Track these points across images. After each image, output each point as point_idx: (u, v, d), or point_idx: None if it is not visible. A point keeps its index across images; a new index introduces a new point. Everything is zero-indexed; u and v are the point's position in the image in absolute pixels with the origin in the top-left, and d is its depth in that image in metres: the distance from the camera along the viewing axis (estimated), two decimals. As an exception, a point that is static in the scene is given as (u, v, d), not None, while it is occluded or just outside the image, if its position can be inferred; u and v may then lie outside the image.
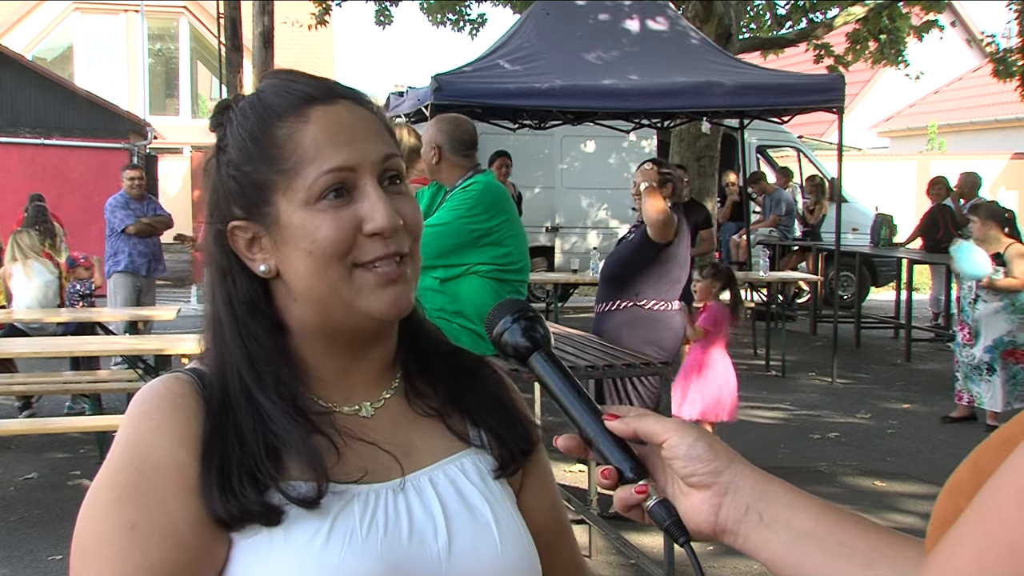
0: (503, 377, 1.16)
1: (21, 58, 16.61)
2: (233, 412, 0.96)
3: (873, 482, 5.93)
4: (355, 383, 1.04)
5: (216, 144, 1.02)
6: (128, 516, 0.90)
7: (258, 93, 1.01)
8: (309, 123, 0.97)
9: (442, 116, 4.24)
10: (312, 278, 0.97)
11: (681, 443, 0.85)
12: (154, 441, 0.93)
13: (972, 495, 0.61)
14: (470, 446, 1.07)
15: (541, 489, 1.14)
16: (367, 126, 1.00)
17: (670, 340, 5.20)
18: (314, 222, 0.95)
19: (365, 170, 0.97)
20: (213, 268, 1.02)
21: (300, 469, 0.93)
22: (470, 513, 1.01)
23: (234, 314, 1.00)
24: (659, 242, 5.11)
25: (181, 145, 22.58)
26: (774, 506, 0.82)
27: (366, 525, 0.94)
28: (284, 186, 0.97)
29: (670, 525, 0.85)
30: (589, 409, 0.91)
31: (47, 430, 6.29)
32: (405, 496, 0.99)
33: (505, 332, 0.96)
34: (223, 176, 1.00)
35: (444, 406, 1.08)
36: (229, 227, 1.00)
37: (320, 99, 0.98)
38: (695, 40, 8.92)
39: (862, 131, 25.02)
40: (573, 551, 1.18)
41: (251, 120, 0.99)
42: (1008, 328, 6.98)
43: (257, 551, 0.91)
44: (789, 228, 12.72)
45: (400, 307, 0.99)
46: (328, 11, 14.27)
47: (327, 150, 0.96)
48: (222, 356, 1.00)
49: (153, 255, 8.89)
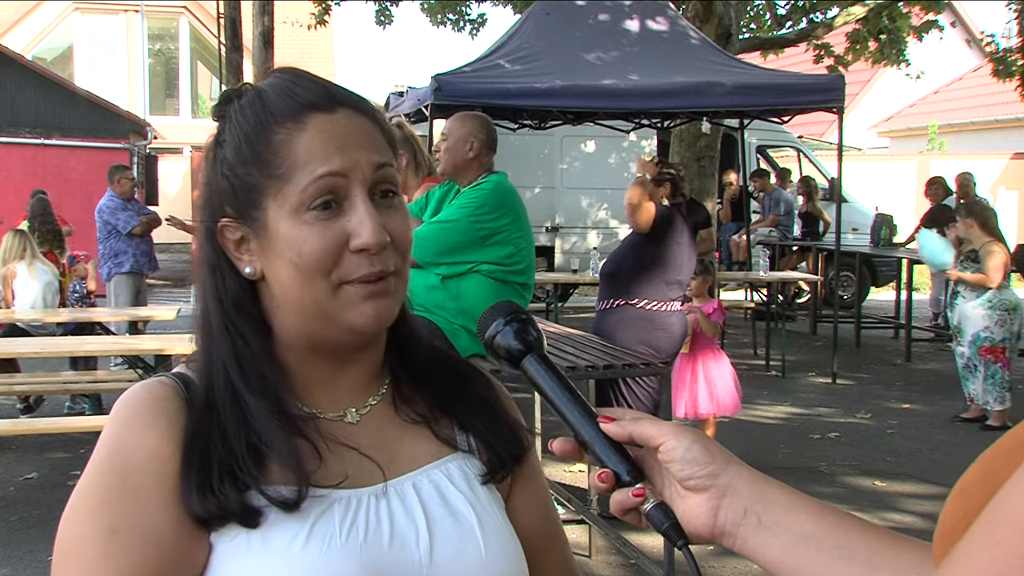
0: (494, 382, 1.15)
1: (21, 58, 16.61)
2: (217, 410, 0.96)
3: (873, 482, 5.93)
4: (341, 389, 1.04)
5: (215, 137, 1.02)
6: (109, 520, 0.90)
7: (260, 92, 1.00)
8: (306, 130, 0.96)
9: (474, 114, 4.27)
10: (296, 289, 0.96)
11: (678, 446, 0.84)
12: (135, 445, 0.93)
13: (982, 499, 0.60)
14: (457, 451, 1.06)
15: (531, 495, 1.13)
16: (365, 135, 0.99)
17: (665, 341, 5.20)
18: (301, 234, 0.95)
19: (356, 178, 0.96)
20: (204, 265, 1.02)
21: (281, 471, 0.93)
22: (454, 518, 1.00)
23: (222, 310, 1.00)
24: (642, 234, 5.14)
25: (181, 145, 22.59)
26: (773, 508, 0.82)
27: (346, 529, 0.93)
28: (275, 191, 0.96)
29: (668, 528, 0.85)
30: (584, 412, 0.91)
31: (47, 430, 6.29)
32: (387, 501, 0.98)
33: (497, 335, 0.95)
34: (217, 174, 1.00)
35: (431, 412, 1.07)
36: (219, 225, 0.99)
37: (320, 106, 0.97)
38: (695, 40, 8.91)
39: (862, 131, 25.01)
40: (565, 557, 1.17)
41: (250, 121, 0.98)
42: (985, 324, 7.09)
43: (235, 554, 0.91)
44: (789, 228, 12.72)
45: (381, 321, 0.99)
46: (328, 11, 14.25)
47: (319, 157, 0.95)
48: (209, 352, 1.00)
49: (151, 254, 8.98)
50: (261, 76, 1.04)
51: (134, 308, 8.39)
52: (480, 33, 15.82)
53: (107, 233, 8.66)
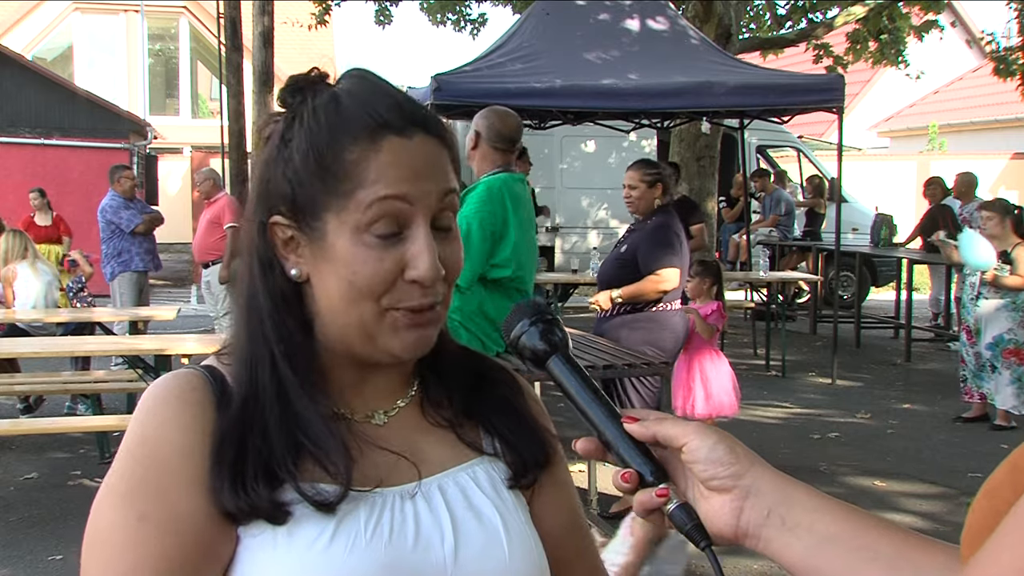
0: (522, 384, 1.14)
1: (21, 58, 16.58)
2: (261, 405, 0.95)
3: (873, 482, 5.93)
4: (369, 392, 1.04)
5: (280, 132, 0.98)
6: (137, 509, 0.91)
7: (337, 97, 0.97)
8: (380, 152, 0.94)
9: (492, 107, 4.23)
10: (343, 305, 0.96)
11: (701, 446, 0.84)
12: (163, 435, 0.93)
13: (1009, 499, 0.60)
14: (483, 455, 1.06)
15: (558, 501, 1.12)
16: (435, 161, 0.97)
17: (669, 341, 5.19)
18: (360, 255, 0.94)
19: (421, 207, 0.95)
20: (254, 260, 1.00)
21: (315, 470, 0.93)
22: (479, 521, 1.00)
23: (275, 307, 0.99)
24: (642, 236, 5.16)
25: (181, 145, 22.56)
26: (796, 510, 0.82)
27: (371, 529, 0.94)
28: (338, 207, 0.95)
29: (691, 529, 0.84)
30: (608, 412, 0.91)
31: (47, 430, 6.29)
32: (413, 502, 0.98)
33: (523, 335, 0.96)
34: (279, 173, 0.97)
35: (457, 416, 1.07)
36: (271, 221, 0.98)
37: (397, 128, 0.95)
38: (695, 40, 8.92)
39: (862, 131, 25.03)
40: (594, 567, 1.16)
41: (324, 131, 0.95)
42: (1008, 326, 7.01)
43: (261, 549, 0.91)
44: (789, 228, 12.73)
45: (420, 350, 0.99)
46: (328, 11, 14.25)
47: (388, 180, 0.94)
48: (253, 349, 0.99)
49: (154, 252, 9.02)
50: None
51: (135, 308, 8.39)
52: (480, 33, 15.81)
53: (110, 233, 8.67)
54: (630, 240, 5.31)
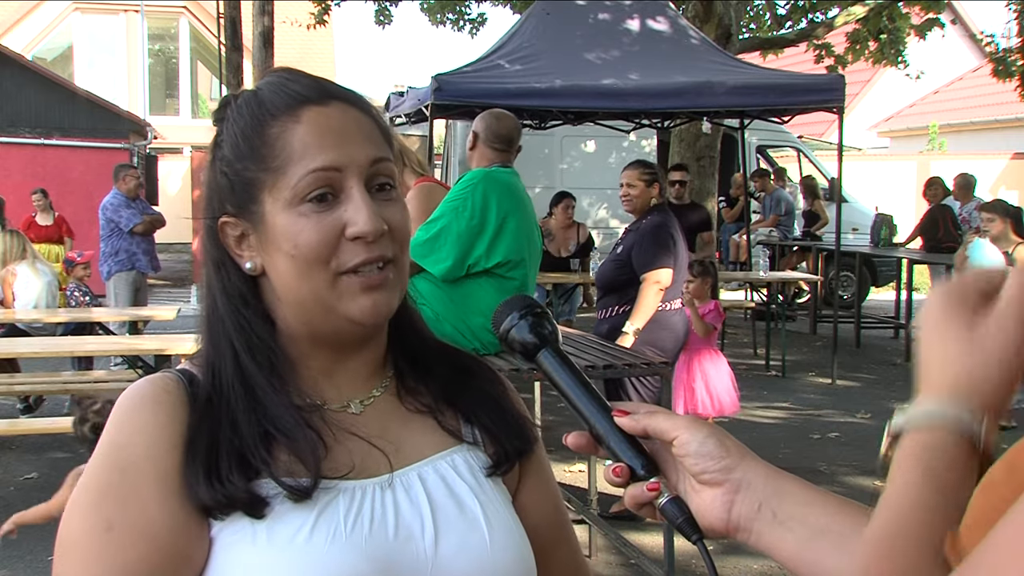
0: (499, 376, 1.15)
1: (21, 58, 16.57)
2: (227, 400, 0.96)
3: (873, 482, 5.92)
4: (343, 381, 1.04)
5: (213, 139, 1.03)
6: (105, 516, 0.90)
7: (256, 91, 1.02)
8: (300, 123, 0.97)
9: (490, 110, 4.27)
10: (294, 281, 0.97)
11: (692, 440, 0.84)
12: (135, 441, 0.93)
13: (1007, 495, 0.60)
14: (462, 442, 1.06)
15: (539, 489, 1.13)
16: (359, 128, 1.00)
17: (669, 341, 5.19)
18: (296, 226, 0.96)
19: (351, 172, 0.97)
20: (209, 262, 1.03)
21: (289, 460, 0.94)
22: (459, 509, 1.00)
23: (231, 305, 1.01)
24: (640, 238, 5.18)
25: (181, 145, 22.55)
26: (788, 503, 0.82)
27: (351, 520, 0.94)
28: (271, 185, 0.97)
29: (682, 523, 0.84)
30: (599, 406, 0.91)
31: (47, 430, 6.28)
32: (392, 492, 0.98)
33: (512, 328, 0.96)
34: (216, 172, 1.01)
35: (436, 403, 1.07)
36: (220, 222, 1.00)
37: (314, 100, 0.98)
38: (695, 40, 8.91)
39: (862, 131, 25.02)
40: (573, 552, 1.17)
41: (245, 118, 0.99)
42: None
43: (239, 546, 0.91)
44: (789, 228, 12.72)
45: (380, 313, 0.99)
46: (328, 11, 14.26)
47: (314, 150, 0.96)
48: (218, 345, 1.00)
49: (153, 253, 9.01)
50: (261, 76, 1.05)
51: (134, 308, 8.38)
52: (480, 33, 15.84)
53: (110, 231, 8.67)
54: (626, 241, 5.33)
